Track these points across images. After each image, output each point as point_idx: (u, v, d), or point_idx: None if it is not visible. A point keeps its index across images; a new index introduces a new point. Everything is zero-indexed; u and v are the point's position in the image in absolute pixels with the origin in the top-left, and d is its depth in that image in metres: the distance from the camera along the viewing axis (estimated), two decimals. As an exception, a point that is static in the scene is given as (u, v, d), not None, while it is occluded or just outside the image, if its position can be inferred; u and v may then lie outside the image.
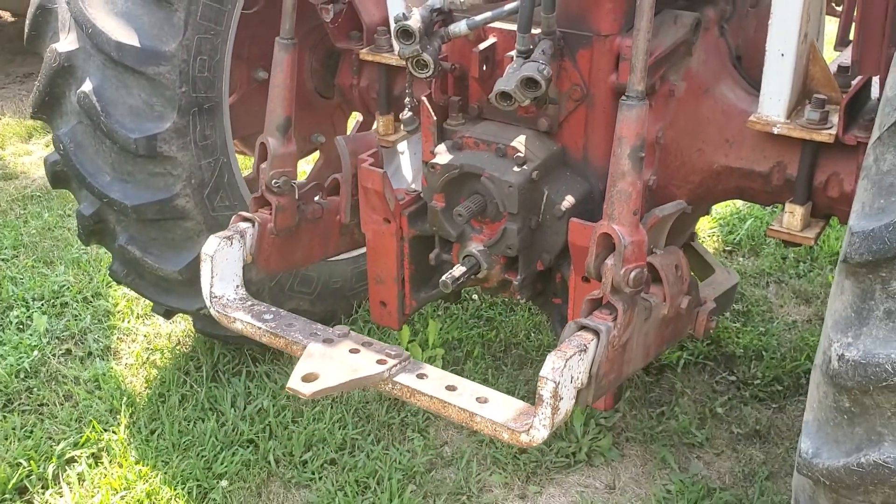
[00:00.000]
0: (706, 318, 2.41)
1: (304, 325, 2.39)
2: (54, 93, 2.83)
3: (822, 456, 1.75)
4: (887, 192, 1.60)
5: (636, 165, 2.04)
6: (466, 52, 2.52)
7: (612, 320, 2.07)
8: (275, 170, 2.56)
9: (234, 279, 2.52)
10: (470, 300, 3.82)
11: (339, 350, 2.26)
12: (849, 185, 2.44)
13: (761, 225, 4.39)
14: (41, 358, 3.54)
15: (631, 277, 2.05)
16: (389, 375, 2.19)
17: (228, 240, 2.49)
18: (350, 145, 2.68)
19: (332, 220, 2.77)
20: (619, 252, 2.04)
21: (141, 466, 3.01)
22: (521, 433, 2.01)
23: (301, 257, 2.76)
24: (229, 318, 2.46)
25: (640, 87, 2.01)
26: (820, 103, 2.41)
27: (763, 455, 3.06)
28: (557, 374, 1.95)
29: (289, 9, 2.53)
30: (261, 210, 2.60)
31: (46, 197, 4.84)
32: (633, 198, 2.05)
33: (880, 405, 1.63)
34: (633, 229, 2.06)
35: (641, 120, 2.03)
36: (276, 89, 2.56)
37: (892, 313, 1.59)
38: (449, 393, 2.13)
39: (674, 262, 2.25)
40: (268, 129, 2.58)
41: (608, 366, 2.08)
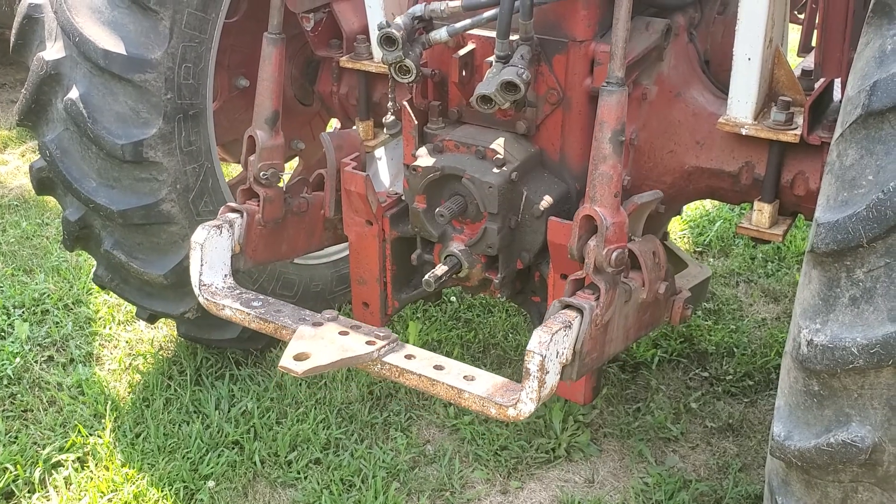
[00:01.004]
0: (682, 306, 2.50)
1: (292, 311, 2.42)
2: (41, 100, 2.86)
3: (794, 438, 1.83)
4: (850, 186, 1.69)
5: (617, 149, 2.12)
6: (446, 58, 2.60)
7: (594, 299, 2.13)
8: (263, 162, 2.61)
9: (222, 268, 2.56)
10: (448, 302, 3.89)
11: (328, 332, 2.29)
12: (814, 184, 2.54)
13: (730, 226, 4.51)
14: (24, 365, 3.55)
15: (613, 257, 2.12)
16: (378, 356, 2.23)
17: (218, 229, 2.53)
18: (335, 141, 2.75)
19: (317, 214, 2.83)
20: (601, 233, 2.11)
21: (127, 469, 3.04)
22: (509, 407, 2.05)
23: (287, 249, 2.81)
24: (218, 306, 2.48)
25: (620, 74, 2.10)
26: (785, 105, 2.52)
27: (736, 448, 3.16)
28: (544, 348, 2.00)
29: (277, 5, 2.59)
30: (249, 201, 2.65)
31: (24, 206, 4.84)
32: (615, 180, 2.12)
33: (847, 387, 1.72)
34: (614, 211, 2.13)
35: (622, 105, 2.11)
36: (264, 83, 2.61)
37: (856, 300, 1.68)
38: (437, 371, 2.18)
39: (651, 248, 2.33)
40: (256, 122, 2.63)
41: (591, 343, 2.15)
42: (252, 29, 3.36)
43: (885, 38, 1.69)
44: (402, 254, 2.83)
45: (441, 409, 3.31)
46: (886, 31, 1.70)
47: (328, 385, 3.41)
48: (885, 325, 1.63)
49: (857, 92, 1.70)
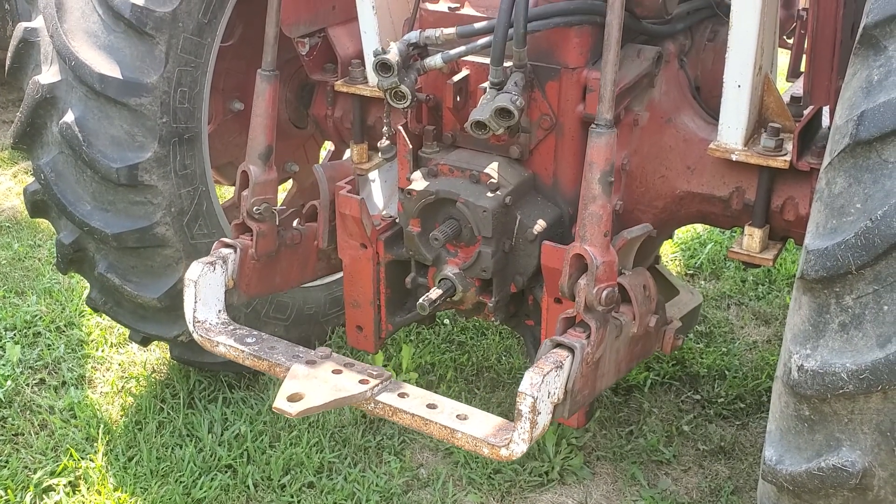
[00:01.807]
0: (672, 336, 2.53)
1: (286, 348, 2.44)
2: (36, 124, 2.88)
3: (785, 462, 1.85)
4: (839, 213, 1.72)
5: (606, 189, 2.15)
6: (440, 84, 2.62)
7: (585, 338, 2.16)
8: (256, 197, 2.63)
9: (216, 304, 2.58)
10: (442, 325, 3.90)
11: (322, 371, 2.31)
12: (803, 209, 2.57)
13: (721, 249, 4.54)
14: (15, 388, 3.54)
15: (603, 296, 2.15)
16: (372, 395, 2.25)
17: (211, 265, 2.55)
18: (328, 172, 2.77)
19: (311, 245, 2.84)
20: (592, 272, 2.15)
21: (120, 493, 3.03)
22: (501, 448, 2.08)
23: (280, 281, 2.83)
24: (212, 342, 2.51)
25: (609, 116, 2.14)
26: (775, 131, 2.55)
27: (728, 470, 3.17)
28: (535, 390, 2.03)
29: (270, 41, 2.62)
30: (242, 236, 2.67)
31: (16, 227, 4.83)
32: (604, 220, 2.16)
33: (837, 412, 1.74)
34: (604, 250, 2.17)
35: (610, 146, 2.15)
36: (257, 119, 2.64)
37: (846, 326, 1.70)
38: (430, 411, 2.20)
39: (642, 282, 2.36)
40: (249, 157, 2.66)
41: (583, 381, 2.18)
42: (247, 53, 3.39)
43: (872, 69, 1.72)
44: (397, 277, 2.84)
45: (434, 432, 3.31)
46: (873, 62, 1.73)
47: (321, 408, 3.41)
48: (874, 351, 1.65)
49: (846, 121, 1.73)
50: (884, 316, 1.64)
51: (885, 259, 1.62)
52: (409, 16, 2.88)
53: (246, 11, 3.21)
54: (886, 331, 1.63)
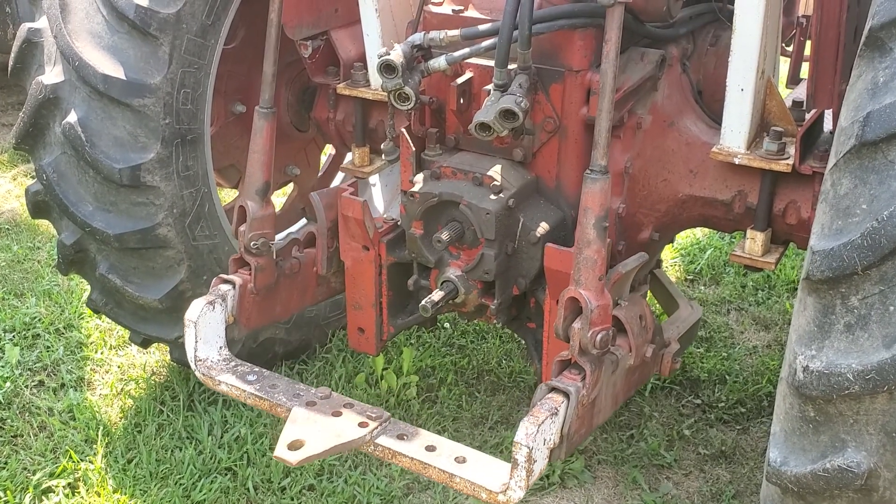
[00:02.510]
0: (671, 359, 2.56)
1: (286, 386, 2.46)
2: (38, 124, 2.88)
3: (790, 464, 1.85)
4: (844, 215, 1.72)
5: (601, 234, 2.17)
6: (444, 87, 2.63)
7: (580, 380, 2.17)
8: (254, 232, 2.65)
9: (217, 341, 2.59)
10: (442, 328, 3.90)
11: (321, 413, 2.32)
12: (805, 213, 2.58)
13: (721, 255, 4.55)
14: (14, 389, 3.53)
15: (598, 339, 2.16)
16: (371, 438, 2.27)
17: (211, 304, 2.56)
18: (324, 200, 2.80)
19: (310, 271, 2.86)
20: (586, 315, 2.16)
21: (119, 495, 3.02)
22: (499, 494, 2.10)
23: (280, 311, 2.85)
24: (214, 381, 2.52)
25: (604, 163, 2.16)
26: (777, 135, 2.56)
27: (729, 475, 3.16)
28: (531, 440, 2.05)
29: (269, 79, 2.65)
30: (240, 270, 2.68)
31: (15, 229, 4.83)
32: (599, 264, 2.17)
33: (843, 413, 1.74)
34: (598, 294, 2.18)
35: (605, 192, 2.17)
36: (255, 155, 2.67)
37: (851, 326, 1.70)
38: (429, 454, 2.22)
39: (638, 312, 2.38)
40: (247, 193, 2.68)
41: (578, 423, 2.20)
42: (249, 56, 3.39)
43: (878, 71, 1.73)
44: (398, 279, 2.84)
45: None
46: (878, 64, 1.74)
47: (321, 411, 3.40)
48: (879, 352, 1.65)
49: (851, 123, 1.74)
50: (890, 316, 1.64)
51: (892, 259, 1.63)
52: (411, 19, 2.88)
53: (248, 14, 3.21)
54: (892, 331, 1.63)
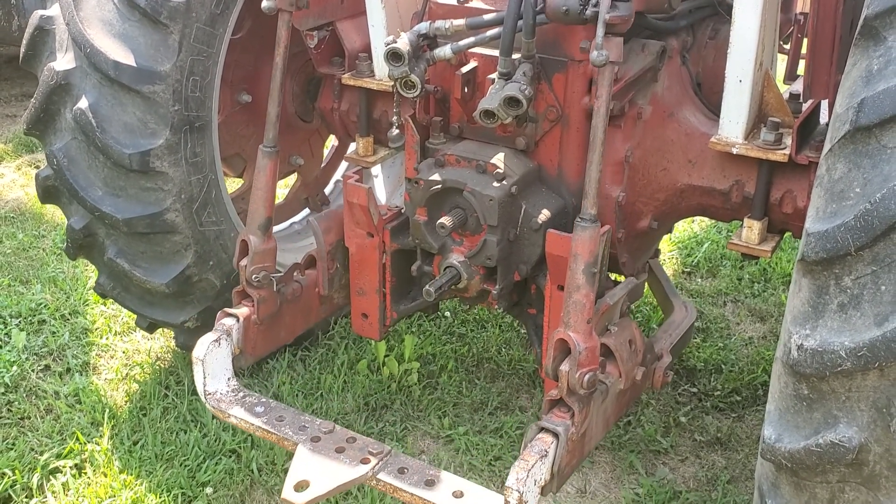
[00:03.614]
0: (662, 373, 2.64)
1: (293, 418, 2.55)
2: (50, 110, 2.92)
3: (784, 441, 1.90)
4: (839, 198, 1.77)
5: (590, 280, 2.24)
6: (448, 76, 2.68)
7: (570, 418, 2.25)
8: (255, 265, 2.71)
9: (224, 374, 2.67)
10: (443, 317, 3.95)
11: (325, 449, 2.42)
12: (801, 202, 2.63)
13: (718, 248, 4.61)
14: (20, 373, 3.58)
15: (585, 380, 2.22)
16: (373, 474, 2.36)
17: (217, 342, 2.64)
18: (322, 224, 2.88)
19: (312, 292, 2.93)
20: (575, 357, 2.22)
21: (125, 475, 3.07)
22: None
23: (285, 335, 2.93)
24: (225, 414, 2.62)
25: (593, 212, 2.23)
26: (774, 126, 2.61)
27: (724, 461, 3.22)
28: (521, 485, 2.12)
29: (273, 119, 2.72)
30: (244, 302, 2.75)
31: (21, 218, 4.87)
32: (587, 308, 2.23)
33: (835, 390, 1.79)
34: (586, 336, 2.24)
35: (594, 240, 2.24)
36: (258, 192, 2.74)
37: (844, 306, 1.75)
38: (427, 490, 2.30)
39: (627, 337, 2.45)
40: (249, 227, 2.75)
41: (569, 457, 2.27)
42: (255, 46, 3.44)
43: (872, 59, 1.78)
44: (402, 266, 2.90)
45: (436, 420, 3.37)
46: (873, 52, 1.79)
47: (324, 396, 3.46)
48: (871, 330, 1.70)
49: (846, 109, 1.79)
50: (881, 295, 1.69)
51: (884, 240, 1.68)
52: (416, 10, 2.94)
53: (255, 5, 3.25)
54: (884, 310, 1.69)
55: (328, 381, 3.51)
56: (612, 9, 2.12)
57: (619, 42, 2.14)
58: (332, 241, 2.89)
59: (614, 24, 2.13)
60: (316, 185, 4.06)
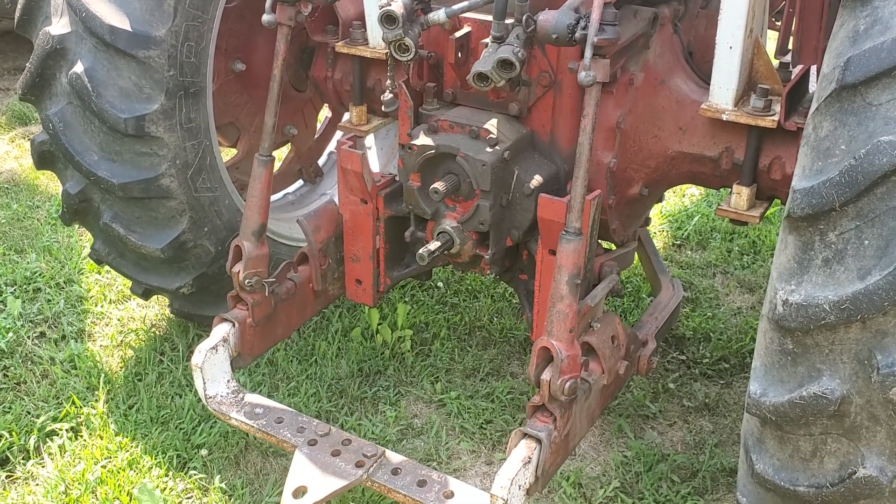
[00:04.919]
0: (647, 360, 2.70)
1: (291, 419, 2.63)
2: (45, 75, 2.93)
3: (769, 395, 1.95)
4: (824, 156, 1.81)
5: (573, 290, 2.29)
6: (441, 41, 2.71)
7: (552, 423, 2.31)
8: (248, 270, 2.76)
9: (223, 377, 2.74)
10: (436, 287, 3.99)
11: (322, 453, 2.51)
12: (790, 168, 2.67)
13: (708, 221, 4.65)
14: (16, 339, 3.60)
15: (566, 387, 2.28)
16: (367, 476, 2.46)
17: (214, 349, 2.70)
18: (312, 222, 2.93)
19: (306, 288, 2.98)
20: (557, 365, 2.27)
21: (121, 438, 3.11)
22: None
23: (282, 332, 2.98)
24: (226, 416, 2.68)
25: (577, 225, 2.29)
26: (764, 93, 2.64)
27: (712, 425, 3.28)
28: (506, 492, 2.20)
29: (269, 129, 2.77)
30: (238, 306, 2.80)
31: (14, 188, 4.88)
32: (570, 317, 2.29)
33: (819, 344, 1.84)
34: (569, 345, 2.30)
35: (578, 252, 2.29)
36: (253, 199, 2.78)
37: (829, 261, 1.80)
38: (419, 490, 2.40)
39: (610, 333, 2.51)
40: (243, 234, 2.79)
41: (553, 458, 2.33)
42: (249, 15, 3.45)
43: (859, 19, 1.81)
44: (395, 232, 2.93)
45: (428, 385, 3.41)
46: (860, 13, 1.82)
47: (318, 362, 3.50)
48: (854, 284, 1.75)
49: (832, 69, 1.83)
50: (864, 250, 1.74)
51: (867, 195, 1.72)
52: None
53: (249, -28, 3.27)
54: (867, 264, 1.73)
55: (322, 348, 3.55)
56: (600, 32, 2.20)
57: (606, 63, 2.22)
58: (323, 238, 2.95)
59: (602, 47, 2.21)
60: (309, 156, 4.08)
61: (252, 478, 2.99)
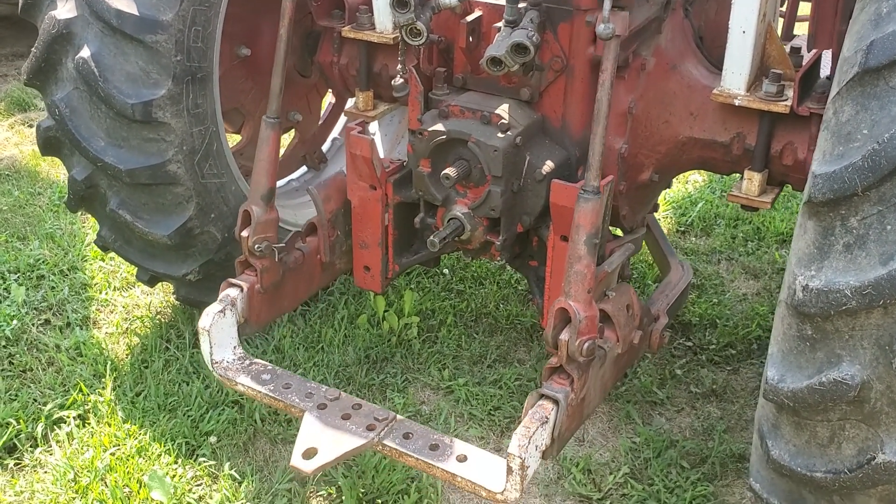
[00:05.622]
0: (659, 335, 2.67)
1: (299, 385, 2.58)
2: (51, 59, 2.90)
3: (787, 381, 1.95)
4: (846, 140, 1.80)
5: (591, 251, 2.26)
6: (452, 25, 2.68)
7: (569, 385, 2.29)
8: (257, 235, 2.72)
9: (230, 342, 2.70)
10: (442, 274, 3.98)
11: (332, 417, 2.46)
12: (802, 153, 2.66)
13: (712, 207, 4.65)
14: (21, 327, 3.59)
15: (584, 348, 2.26)
16: (378, 440, 2.40)
17: (222, 312, 2.66)
18: (322, 193, 2.89)
19: (314, 259, 2.95)
20: (575, 326, 2.25)
21: (129, 425, 3.10)
22: (497, 494, 2.24)
23: (289, 302, 2.95)
24: (232, 382, 2.64)
25: (596, 183, 2.26)
26: (776, 77, 2.63)
27: (720, 411, 3.28)
28: (523, 451, 2.17)
29: (276, 91, 2.73)
30: (247, 272, 2.77)
31: (15, 175, 4.85)
32: (588, 278, 2.26)
33: (839, 329, 1.83)
34: (587, 305, 2.27)
35: (596, 212, 2.26)
36: (261, 163, 2.74)
37: (850, 246, 1.79)
38: (432, 454, 2.35)
39: (625, 302, 2.48)
40: (252, 198, 2.76)
41: (569, 422, 2.31)
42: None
43: (881, 2, 1.80)
44: (404, 219, 2.91)
45: (436, 372, 3.41)
46: (882, -4, 1.81)
47: (325, 349, 3.49)
48: (876, 269, 1.74)
49: (854, 52, 1.81)
50: (887, 235, 1.73)
51: (890, 180, 1.71)
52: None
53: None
54: (889, 249, 1.72)
55: (329, 335, 3.54)
56: None
57: (625, 16, 2.16)
58: (332, 209, 2.92)
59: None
60: (313, 142, 4.05)
61: (261, 465, 2.99)
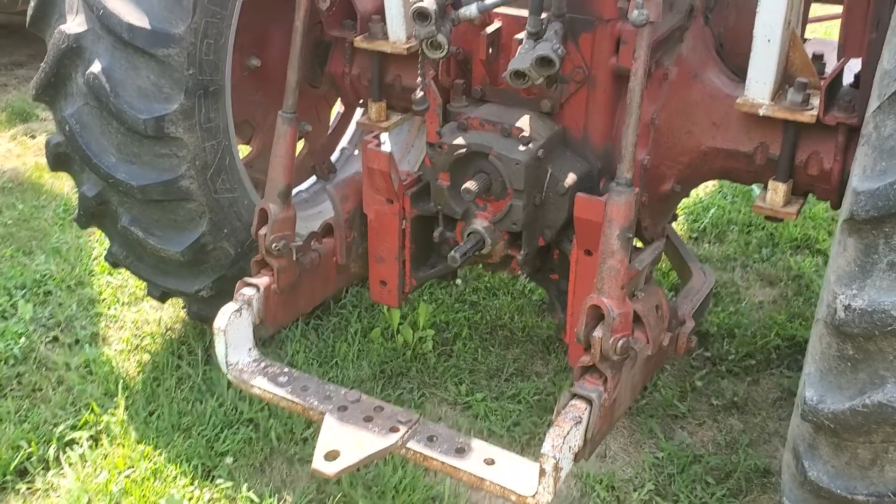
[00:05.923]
0: (686, 339, 2.62)
1: (317, 388, 2.51)
2: (60, 74, 2.85)
3: (827, 402, 1.90)
4: (888, 155, 1.76)
5: (624, 245, 2.20)
6: (471, 37, 2.64)
7: (602, 384, 2.23)
8: (275, 234, 2.67)
9: (246, 343, 2.64)
10: (455, 286, 3.93)
11: (353, 418, 2.38)
12: (828, 164, 2.61)
13: (724, 213, 4.60)
14: (29, 345, 3.53)
15: (618, 346, 2.20)
16: (402, 443, 2.32)
17: (238, 312, 2.60)
18: (340, 192, 2.84)
19: (330, 261, 2.90)
20: (608, 323, 2.19)
21: (143, 446, 3.04)
22: (528, 497, 2.17)
23: (304, 304, 2.90)
24: (247, 384, 2.57)
25: (629, 176, 2.19)
26: (802, 86, 2.58)
27: (742, 424, 3.23)
28: (557, 451, 2.11)
29: (292, 86, 2.67)
30: (263, 271, 2.71)
31: (19, 188, 4.79)
32: (622, 273, 2.20)
33: (883, 350, 1.79)
34: (620, 302, 2.21)
35: (630, 205, 2.20)
36: (277, 159, 2.69)
37: (894, 265, 1.75)
38: (458, 458, 2.27)
39: (654, 303, 2.43)
40: (268, 196, 2.70)
41: (601, 423, 2.25)
42: (265, 8, 3.36)
43: (923, 14, 1.75)
44: (421, 232, 2.86)
45: (452, 387, 3.35)
46: (924, 7, 1.76)
47: (340, 364, 3.43)
48: (923, 289, 1.69)
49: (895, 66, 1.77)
50: (934, 254, 1.68)
51: (938, 198, 1.66)
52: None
53: (266, -34, 3.19)
54: (937, 268, 1.68)
55: (342, 350, 3.49)
56: None
57: (659, 3, 2.09)
58: (350, 209, 2.86)
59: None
60: (323, 153, 4.00)
61: (279, 486, 2.93)
